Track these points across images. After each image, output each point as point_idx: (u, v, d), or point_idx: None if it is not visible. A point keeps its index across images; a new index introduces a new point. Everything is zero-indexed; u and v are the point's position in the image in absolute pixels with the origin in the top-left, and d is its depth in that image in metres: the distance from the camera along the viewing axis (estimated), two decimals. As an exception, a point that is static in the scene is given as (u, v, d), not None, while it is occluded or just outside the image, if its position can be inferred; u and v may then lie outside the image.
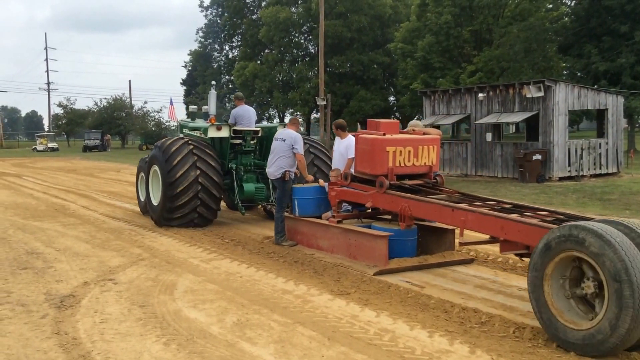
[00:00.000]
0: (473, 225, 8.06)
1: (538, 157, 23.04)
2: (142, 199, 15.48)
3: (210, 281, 8.78)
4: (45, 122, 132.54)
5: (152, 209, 14.15)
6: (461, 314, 7.03)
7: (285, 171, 11.40)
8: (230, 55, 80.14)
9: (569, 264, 6.15)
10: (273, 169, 11.55)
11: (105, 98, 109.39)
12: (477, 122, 25.96)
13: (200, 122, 15.49)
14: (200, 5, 78.67)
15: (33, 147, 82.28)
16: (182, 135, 15.00)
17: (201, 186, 13.12)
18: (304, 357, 5.84)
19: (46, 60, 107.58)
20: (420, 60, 49.97)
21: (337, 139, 11.90)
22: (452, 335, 6.35)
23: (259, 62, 68.74)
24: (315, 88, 56.74)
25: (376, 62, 62.67)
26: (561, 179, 23.57)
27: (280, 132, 11.91)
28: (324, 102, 43.38)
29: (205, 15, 78.51)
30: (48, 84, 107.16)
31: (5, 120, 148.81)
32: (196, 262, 10.06)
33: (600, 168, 25.12)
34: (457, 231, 8.63)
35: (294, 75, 65.73)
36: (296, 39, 68.62)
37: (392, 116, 73.73)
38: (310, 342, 6.22)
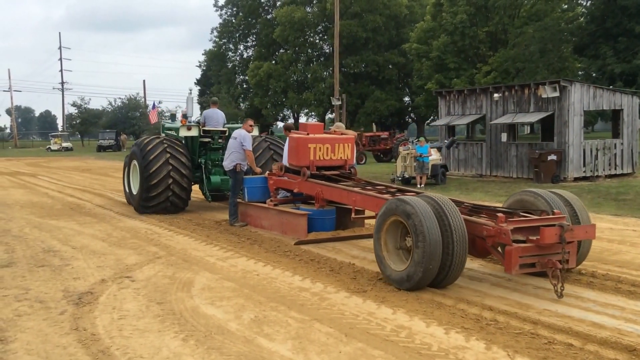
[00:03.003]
0: (360, 204, 10.59)
1: (553, 157, 22.96)
2: (127, 190, 17.23)
3: (227, 279, 8.83)
4: (59, 122, 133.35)
5: (132, 198, 16.49)
6: (477, 312, 7.04)
7: (237, 164, 13.74)
8: (245, 55, 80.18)
9: (397, 225, 8.35)
10: (227, 162, 13.91)
11: (120, 98, 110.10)
12: (492, 122, 25.91)
13: (177, 123, 17.28)
14: (215, 5, 78.82)
15: (47, 146, 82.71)
16: (164, 135, 17.07)
17: (172, 177, 15.30)
18: (321, 353, 5.88)
19: (60, 59, 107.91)
20: (436, 61, 49.93)
21: (287, 138, 13.45)
22: (468, 332, 6.37)
23: (273, 62, 68.79)
24: (330, 88, 56.81)
25: (391, 62, 62.65)
26: (576, 179, 23.48)
27: (235, 132, 14.15)
28: (339, 102, 43.42)
29: (220, 15, 78.60)
30: (62, 83, 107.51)
31: (19, 120, 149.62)
32: (213, 260, 10.11)
33: (615, 168, 24.99)
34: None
35: (309, 76, 65.76)
36: (311, 39, 68.68)
37: (407, 116, 73.78)
38: (328, 338, 6.26)
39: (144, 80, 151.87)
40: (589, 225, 8.32)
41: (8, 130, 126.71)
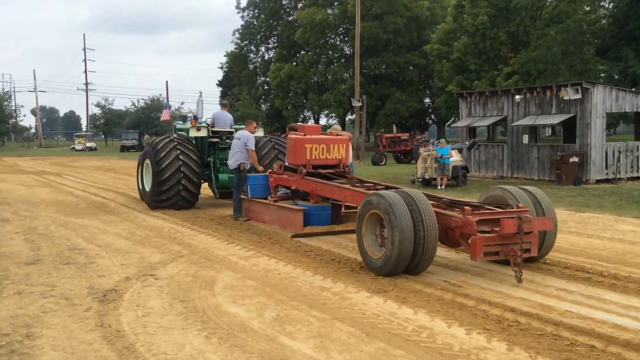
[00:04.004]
0: (349, 199, 11.36)
1: (575, 159, 22.86)
2: (141, 188, 17.98)
3: (249, 277, 8.89)
4: (83, 122, 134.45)
5: (145, 194, 17.26)
6: (499, 313, 7.05)
7: (241, 163, 14.60)
8: (266, 57, 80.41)
9: (375, 217, 9.16)
10: (232, 162, 14.76)
11: (143, 99, 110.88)
12: (513, 124, 25.82)
13: (187, 124, 18.06)
14: (237, 7, 79.14)
15: (72, 146, 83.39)
16: (175, 135, 17.84)
17: (182, 175, 16.11)
18: (343, 352, 5.91)
19: (84, 61, 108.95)
20: (456, 62, 49.75)
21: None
22: (490, 333, 6.38)
23: (294, 63, 68.88)
24: (350, 90, 56.83)
25: (412, 63, 62.53)
26: (598, 181, 23.35)
27: (238, 133, 15.02)
28: (359, 104, 43.47)
29: (242, 17, 78.89)
30: (86, 84, 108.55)
31: (44, 120, 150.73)
32: (235, 259, 10.18)
33: (637, 171, 24.81)
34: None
35: (329, 77, 65.80)
36: (332, 41, 68.71)
37: (428, 118, 73.57)
38: (349, 337, 6.29)
39: (166, 82, 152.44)
40: (547, 217, 9.05)
41: (33, 130, 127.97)
